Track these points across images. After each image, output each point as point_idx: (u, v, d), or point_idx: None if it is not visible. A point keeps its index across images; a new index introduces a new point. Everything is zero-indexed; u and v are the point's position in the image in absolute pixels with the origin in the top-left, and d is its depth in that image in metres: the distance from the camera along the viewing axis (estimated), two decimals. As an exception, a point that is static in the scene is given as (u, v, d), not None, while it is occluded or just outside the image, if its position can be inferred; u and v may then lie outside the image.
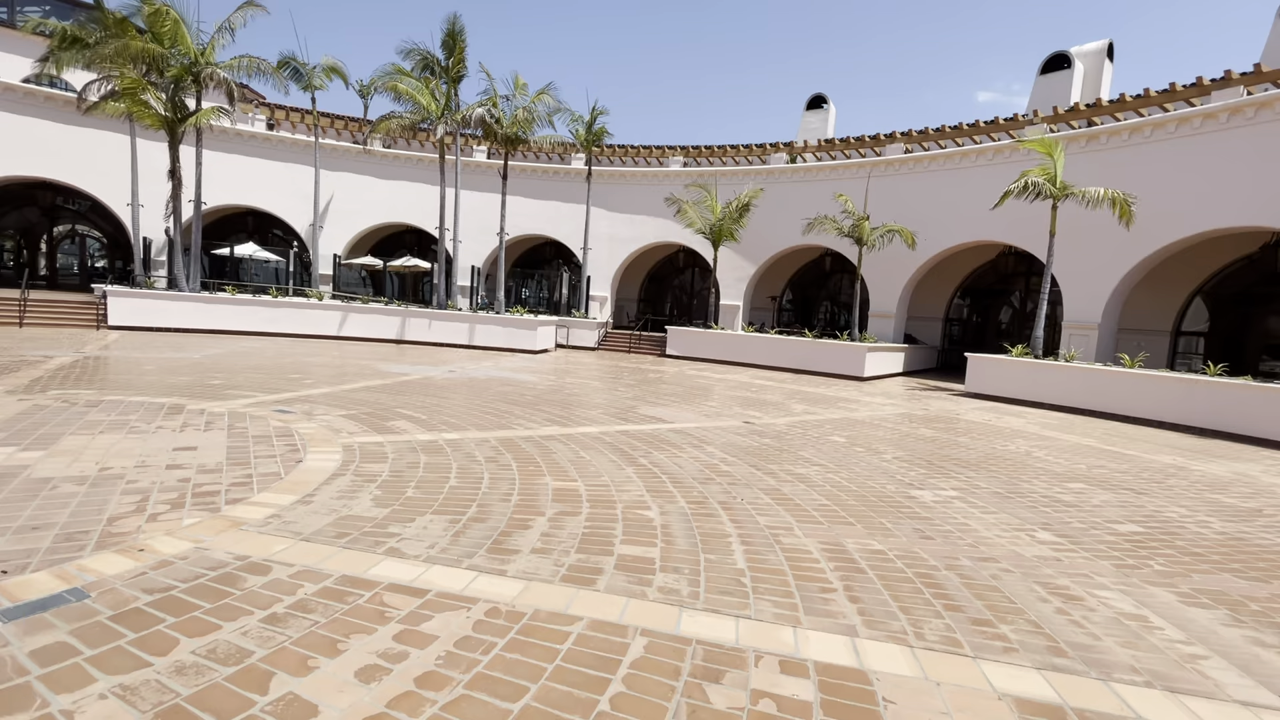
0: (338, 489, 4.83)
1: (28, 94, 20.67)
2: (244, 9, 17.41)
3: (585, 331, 22.63)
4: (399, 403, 8.93)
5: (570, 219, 25.65)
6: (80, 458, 5.05)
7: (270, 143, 24.44)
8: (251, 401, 8.14)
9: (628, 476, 5.83)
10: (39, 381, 8.59)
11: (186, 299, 17.73)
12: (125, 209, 21.99)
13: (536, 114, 19.11)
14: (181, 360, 11.91)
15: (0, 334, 14.24)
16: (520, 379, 12.94)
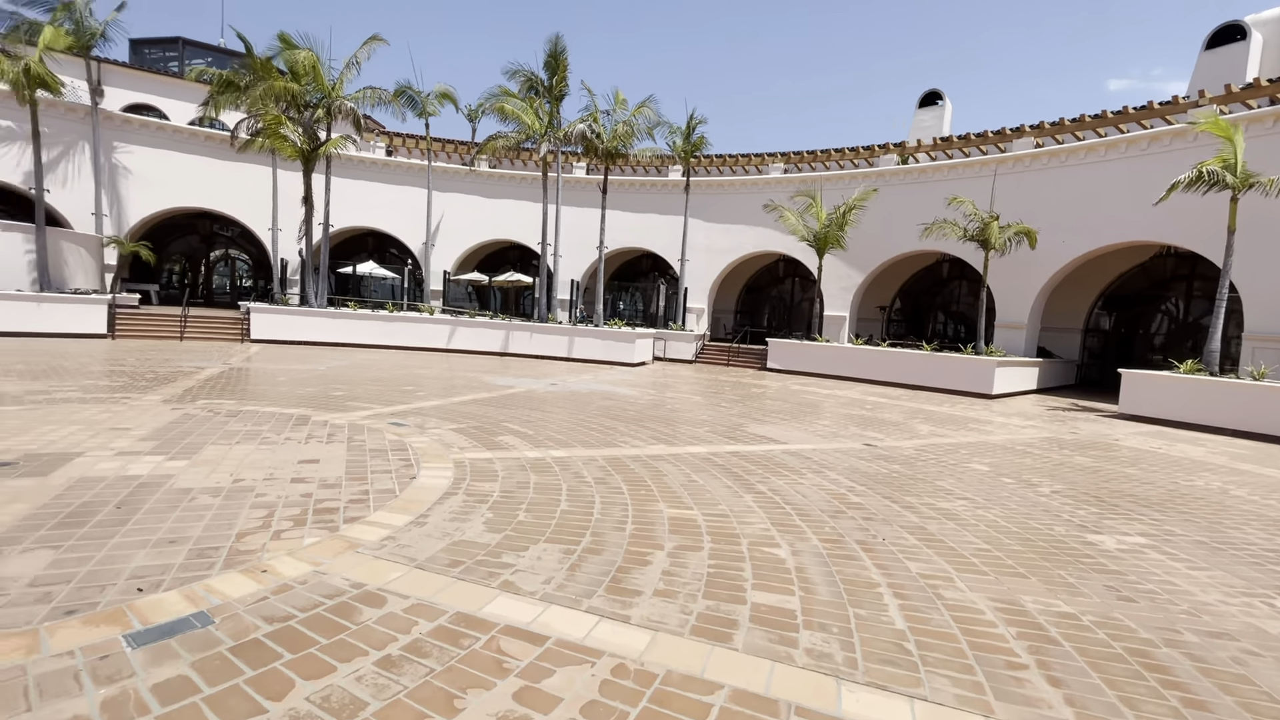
0: (450, 510, 4.68)
1: (192, 135, 23.37)
2: (369, 44, 18.72)
3: (682, 344, 22.27)
4: (505, 417, 8.92)
5: (667, 231, 25.49)
6: (217, 468, 5.25)
7: (389, 168, 26.18)
8: (369, 414, 8.39)
9: (747, 505, 5.32)
10: (190, 391, 9.34)
11: (314, 314, 19.16)
12: (267, 233, 24.29)
13: (636, 127, 19.12)
14: (309, 372, 12.71)
15: (164, 346, 15.96)
16: (620, 393, 12.73)
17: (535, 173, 26.56)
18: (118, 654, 2.57)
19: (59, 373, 10.33)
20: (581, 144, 19.12)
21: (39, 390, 8.54)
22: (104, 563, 3.38)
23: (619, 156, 20.18)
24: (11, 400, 7.70)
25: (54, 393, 8.42)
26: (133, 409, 7.61)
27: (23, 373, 10.10)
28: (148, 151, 22.60)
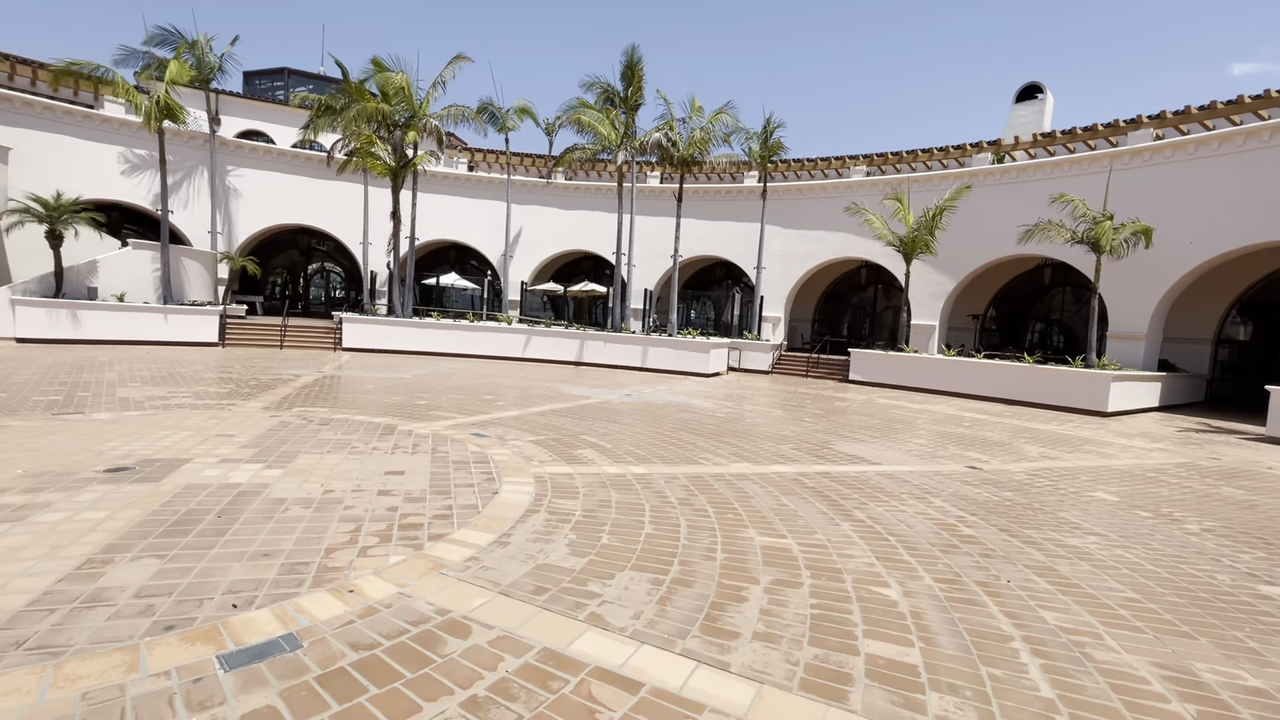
0: (533, 529, 4.53)
1: (294, 156, 25.08)
2: (454, 63, 19.44)
3: (758, 354, 21.67)
4: (582, 429, 8.80)
5: (742, 238, 24.98)
6: (309, 478, 5.36)
7: (470, 182, 27.11)
8: (451, 424, 8.48)
9: (846, 535, 4.89)
10: (287, 399, 9.81)
11: (400, 324, 19.97)
12: (358, 247, 25.66)
13: (713, 134, 18.83)
14: (395, 380, 13.15)
15: (266, 354, 17.05)
16: (697, 405, 12.41)
17: (610, 183, 26.76)
18: (210, 677, 2.52)
19: (176, 379, 11.14)
20: (657, 153, 19.04)
21: (158, 396, 9.19)
22: (203, 575, 3.42)
23: (694, 164, 19.95)
24: (135, 405, 8.30)
25: (170, 399, 9.04)
26: (236, 415, 8.02)
27: (146, 379, 10.95)
28: (255, 173, 24.43)
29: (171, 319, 17.62)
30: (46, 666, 2.51)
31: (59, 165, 19.78)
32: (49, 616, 2.90)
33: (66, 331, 15.99)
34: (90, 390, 9.34)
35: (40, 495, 4.46)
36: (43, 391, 9.02)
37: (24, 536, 3.75)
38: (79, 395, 8.86)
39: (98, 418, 7.34)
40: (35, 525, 3.92)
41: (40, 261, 17.49)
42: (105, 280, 17.93)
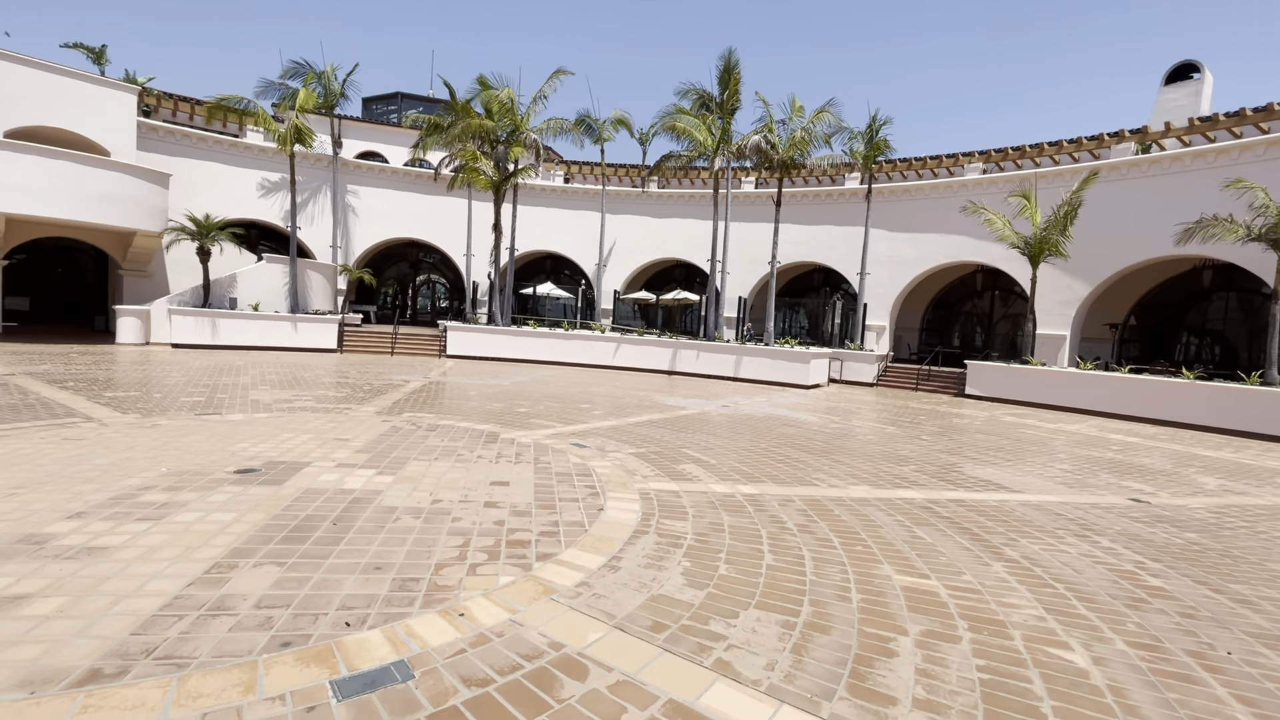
0: (644, 553, 4.22)
1: (406, 174, 26.66)
2: (554, 77, 19.88)
3: (862, 365, 20.46)
4: (683, 441, 8.45)
5: (843, 243, 23.82)
6: (418, 486, 5.34)
7: (567, 194, 27.68)
8: (551, 433, 8.40)
9: (999, 578, 4.21)
10: (398, 404, 10.16)
11: (500, 332, 20.57)
12: (462, 259, 26.83)
13: (814, 135, 18.03)
14: (495, 387, 13.41)
15: (379, 360, 18.03)
16: (800, 419, 11.73)
17: (704, 190, 26.43)
18: (323, 706, 2.38)
19: (299, 383, 11.90)
20: (755, 156, 18.49)
21: (284, 399, 9.78)
22: (318, 587, 3.36)
23: (794, 167, 19.21)
24: (264, 408, 8.84)
25: (294, 402, 9.59)
26: (351, 420, 8.33)
27: (274, 382, 11.77)
28: (371, 191, 26.17)
29: (300, 327, 19.07)
30: (171, 681, 2.46)
31: (208, 189, 22.04)
32: (177, 623, 2.89)
33: (210, 338, 17.68)
34: (227, 393, 10.11)
35: (179, 494, 4.68)
36: (189, 393, 9.85)
37: (162, 536, 3.88)
38: (218, 397, 9.59)
39: (232, 419, 7.85)
40: (172, 525, 4.06)
41: (192, 274, 19.50)
42: (243, 291, 19.72)
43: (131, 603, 3.05)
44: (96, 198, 15.67)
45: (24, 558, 3.46)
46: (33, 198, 14.83)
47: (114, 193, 16.02)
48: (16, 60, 16.78)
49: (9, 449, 5.68)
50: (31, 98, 16.93)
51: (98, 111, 18.03)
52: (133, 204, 16.42)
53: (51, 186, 14.95)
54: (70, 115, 17.51)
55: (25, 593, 3.08)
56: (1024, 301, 22.31)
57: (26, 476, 4.88)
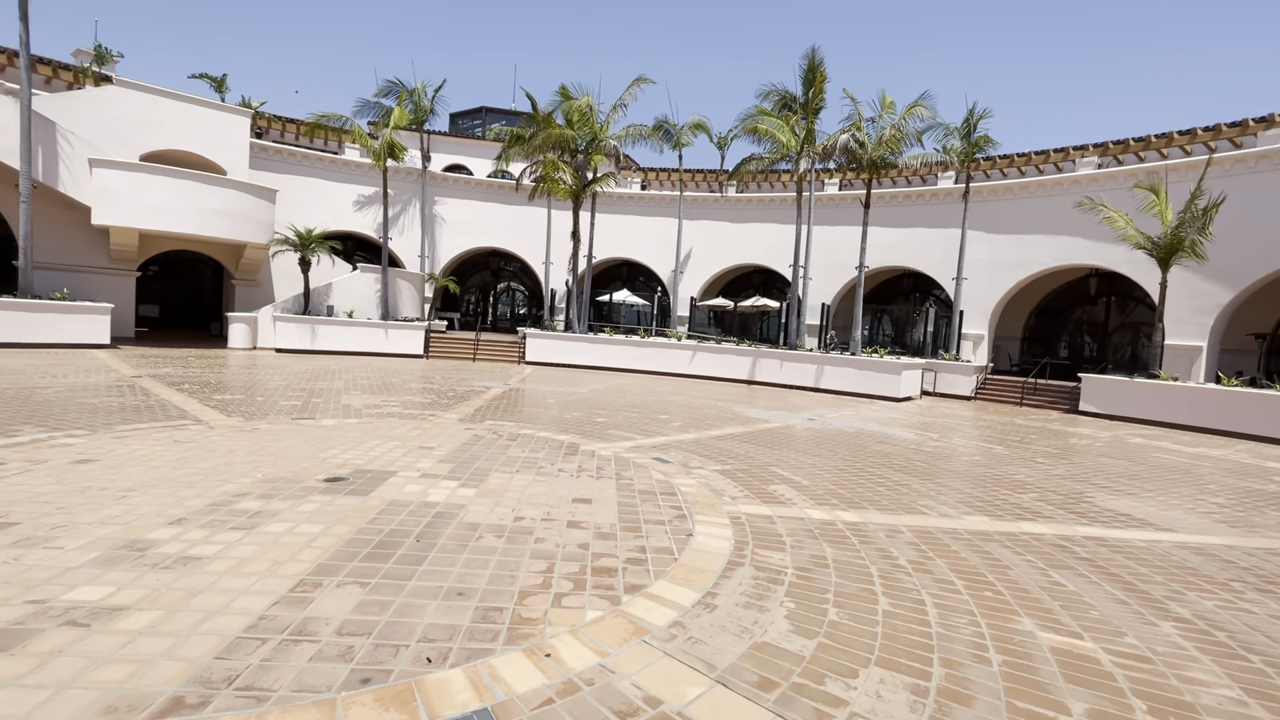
0: (740, 589, 3.82)
1: (489, 185, 27.46)
2: (635, 85, 19.84)
3: (958, 377, 19.05)
4: (770, 459, 7.95)
5: (936, 245, 22.39)
6: (500, 501, 5.18)
7: (644, 200, 27.61)
8: (631, 445, 8.13)
9: (1173, 643, 3.51)
10: (480, 411, 10.23)
11: (577, 340, 20.66)
12: (541, 267, 27.32)
13: (906, 132, 16.97)
14: (573, 396, 13.34)
15: (462, 366, 18.49)
16: (895, 435, 10.90)
17: (784, 194, 25.65)
18: (402, 761, 2.14)
19: (388, 389, 12.27)
20: (842, 156, 17.63)
21: (373, 404, 10.05)
22: (400, 613, 3.19)
23: (885, 167, 18.18)
24: (354, 413, 9.09)
25: (382, 407, 9.83)
26: (435, 427, 8.39)
27: (365, 387, 12.19)
28: (456, 202, 27.12)
29: (389, 333, 19.90)
30: (250, 717, 2.31)
31: (310, 203, 23.51)
32: (260, 648, 2.78)
33: (309, 343, 18.73)
34: (321, 397, 10.51)
35: (271, 502, 4.71)
36: (287, 397, 10.31)
37: (252, 547, 3.86)
38: (313, 401, 9.98)
39: (325, 424, 8.07)
40: (262, 536, 4.05)
41: (294, 283, 20.79)
42: (338, 299, 20.81)
43: (218, 621, 2.98)
44: (214, 213, 16.98)
45: (126, 565, 3.50)
46: (162, 214, 16.23)
47: (228, 208, 17.30)
48: (150, 91, 18.50)
49: (128, 451, 5.99)
50: (162, 124, 18.61)
51: (216, 134, 19.59)
52: (244, 218, 17.68)
53: (177, 204, 16.32)
54: (194, 138, 19.11)
55: (123, 604, 3.08)
56: (1147, 308, 20.22)
57: (139, 479, 5.08)
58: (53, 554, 3.58)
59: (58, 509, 4.28)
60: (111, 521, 4.12)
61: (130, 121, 18.00)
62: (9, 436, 6.24)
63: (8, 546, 3.63)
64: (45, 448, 5.88)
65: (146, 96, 18.34)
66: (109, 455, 5.76)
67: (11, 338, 14.14)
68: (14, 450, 5.72)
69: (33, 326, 14.44)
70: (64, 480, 4.91)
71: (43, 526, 3.96)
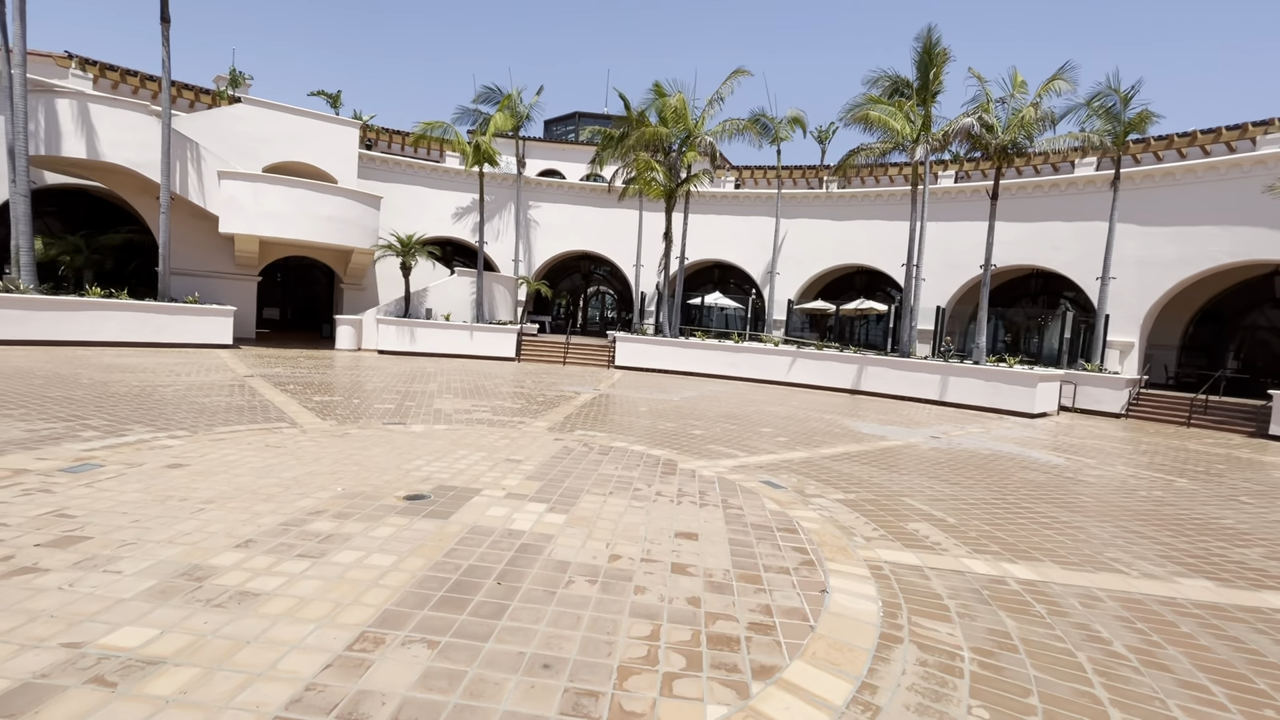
0: (906, 682, 2.87)
1: (581, 189, 27.41)
2: (732, 78, 18.92)
3: (1104, 391, 16.59)
4: (899, 486, 6.81)
5: (1074, 241, 19.83)
6: (593, 533, 4.48)
7: (737, 199, 26.54)
8: (735, 464, 7.25)
9: None
10: (569, 419, 9.70)
11: (667, 344, 19.95)
12: (631, 269, 26.90)
13: (1043, 112, 14.90)
14: (665, 404, 12.60)
15: (551, 370, 18.28)
16: (1040, 459, 9.32)
17: (893, 188, 23.74)
18: None
19: (479, 393, 12.07)
20: (967, 142, 15.81)
21: (463, 410, 9.78)
22: (473, 692, 2.52)
23: (1016, 154, 16.13)
24: (444, 419, 8.80)
25: (472, 413, 9.52)
26: (524, 437, 7.90)
27: (457, 391, 12.05)
28: (549, 206, 27.25)
29: (483, 336, 20.09)
30: None
31: (413, 210, 24.35)
32: (299, 737, 2.19)
33: (408, 345, 19.21)
34: (414, 400, 10.39)
35: (345, 524, 4.26)
36: (382, 399, 10.26)
37: (316, 583, 3.37)
38: (406, 405, 9.84)
39: (414, 430, 7.78)
40: (329, 569, 3.56)
41: (396, 287, 21.49)
42: (436, 302, 21.30)
43: (259, 691, 2.43)
44: (324, 220, 17.76)
45: (179, 599, 3.08)
46: (278, 221, 17.15)
47: (337, 215, 18.05)
48: (271, 107, 19.72)
49: (219, 455, 5.85)
50: (282, 138, 19.78)
51: (328, 145, 20.62)
52: (350, 224, 18.39)
53: (291, 211, 17.19)
54: (308, 150, 20.19)
55: (161, 655, 2.61)
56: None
57: (220, 489, 4.83)
58: (109, 580, 3.23)
59: (133, 522, 4.01)
60: (180, 540, 3.78)
61: (255, 136, 19.25)
62: (118, 435, 6.30)
63: (70, 568, 3.33)
64: (145, 449, 5.84)
65: (268, 112, 19.55)
66: (200, 460, 5.62)
67: (150, 338, 15.31)
68: (116, 451, 5.70)
69: (167, 328, 15.58)
70: (150, 488, 4.72)
71: (111, 544, 3.67)
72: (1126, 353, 19.00)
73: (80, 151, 15.51)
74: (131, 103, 16.44)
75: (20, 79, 14.22)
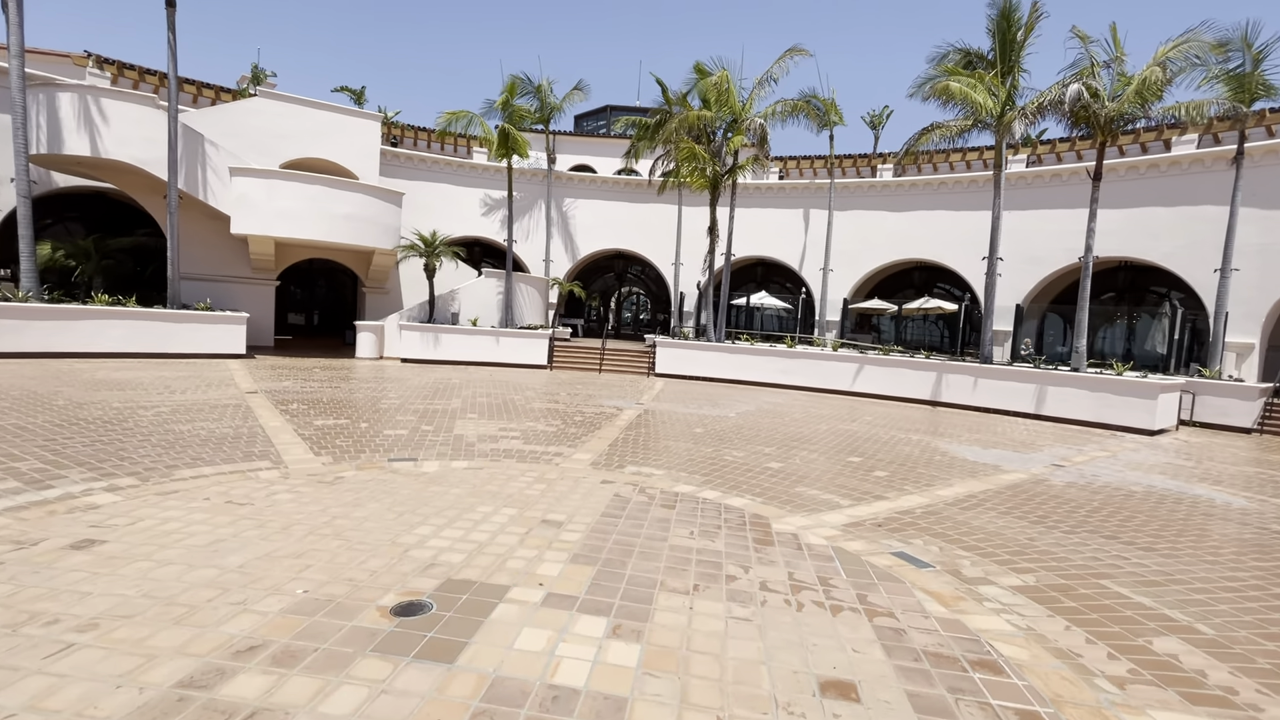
0: None
1: (614, 183, 25.78)
2: (786, 56, 17.03)
3: (1230, 402, 14.20)
4: (1082, 556, 4.93)
5: (1178, 229, 17.42)
6: (690, 689, 2.75)
7: (783, 191, 24.58)
8: (844, 520, 5.45)
9: None
10: (615, 447, 8.01)
11: (713, 349, 18.14)
12: (669, 268, 25.16)
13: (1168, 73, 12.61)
14: (722, 422, 10.83)
15: (587, 379, 16.64)
16: (1216, 500, 7.27)
17: (959, 175, 21.50)
18: None
19: (509, 410, 10.47)
20: (1063, 115, 13.60)
21: (489, 435, 8.17)
22: None
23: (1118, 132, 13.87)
24: (465, 450, 7.20)
25: (500, 439, 7.90)
26: (564, 478, 6.23)
27: (484, 408, 10.47)
28: (582, 203, 25.68)
29: (513, 342, 18.58)
30: None
31: (439, 209, 23.04)
32: None
33: (432, 353, 17.80)
34: (433, 423, 8.83)
35: (285, 683, 2.61)
36: (396, 422, 8.73)
37: None
38: (421, 429, 8.28)
39: (425, 470, 6.18)
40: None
41: (422, 291, 20.15)
42: (462, 306, 19.89)
43: None
44: (341, 218, 16.43)
45: None
46: (292, 221, 15.89)
47: (355, 213, 16.72)
48: (288, 100, 18.55)
49: (154, 523, 4.32)
50: (300, 133, 18.59)
51: (348, 141, 19.36)
52: (370, 223, 17.04)
53: (306, 210, 15.91)
54: (327, 145, 18.96)
55: None
56: None
57: (122, 595, 3.25)
58: None
59: (-60, 682, 2.43)
60: (-10, 733, 2.18)
61: (271, 131, 18.08)
62: (40, 488, 4.83)
63: None
64: (60, 514, 4.33)
65: (285, 106, 18.38)
66: (125, 532, 4.08)
67: (155, 347, 14.15)
68: (19, 516, 4.20)
69: (174, 337, 14.41)
70: (13, 598, 3.16)
71: None
72: (1245, 355, 16.50)
73: (84, 149, 14.43)
74: (137, 95, 15.36)
75: (17, 70, 13.19)
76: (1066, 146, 21.03)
